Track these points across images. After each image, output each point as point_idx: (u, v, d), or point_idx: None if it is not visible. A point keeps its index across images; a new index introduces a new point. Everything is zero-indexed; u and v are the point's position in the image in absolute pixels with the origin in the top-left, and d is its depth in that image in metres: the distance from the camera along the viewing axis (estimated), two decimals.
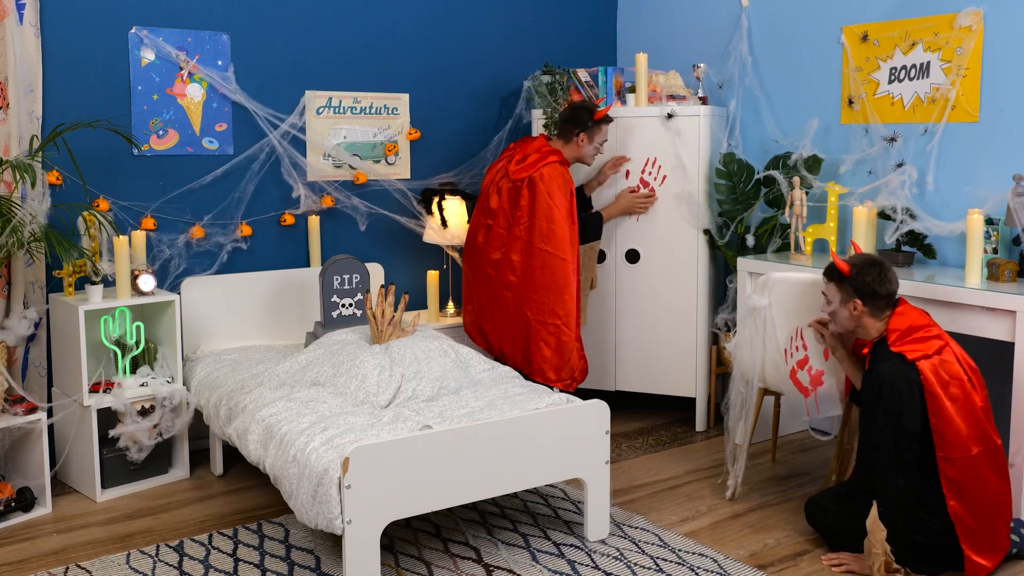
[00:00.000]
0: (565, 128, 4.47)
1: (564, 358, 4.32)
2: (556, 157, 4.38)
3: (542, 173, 4.31)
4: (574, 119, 4.45)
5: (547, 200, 4.28)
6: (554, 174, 4.32)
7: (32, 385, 4.04)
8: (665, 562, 3.33)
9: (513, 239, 4.34)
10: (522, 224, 4.32)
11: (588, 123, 4.42)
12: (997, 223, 3.86)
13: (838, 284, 3.36)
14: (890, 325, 3.29)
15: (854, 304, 3.31)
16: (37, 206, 3.79)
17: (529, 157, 4.39)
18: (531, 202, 4.31)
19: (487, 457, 3.22)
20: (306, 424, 3.34)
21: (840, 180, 4.47)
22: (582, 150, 4.46)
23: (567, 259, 4.29)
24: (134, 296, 3.96)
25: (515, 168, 4.39)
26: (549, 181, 4.29)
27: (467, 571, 3.27)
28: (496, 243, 4.41)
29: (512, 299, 4.35)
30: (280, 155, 4.59)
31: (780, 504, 3.85)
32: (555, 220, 4.27)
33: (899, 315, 3.30)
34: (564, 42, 5.51)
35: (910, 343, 3.20)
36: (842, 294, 3.35)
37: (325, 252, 4.73)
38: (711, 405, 4.85)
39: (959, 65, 4.07)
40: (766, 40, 4.88)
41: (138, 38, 4.23)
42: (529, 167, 4.35)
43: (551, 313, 4.28)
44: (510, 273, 4.35)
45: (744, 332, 3.81)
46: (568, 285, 4.30)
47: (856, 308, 3.31)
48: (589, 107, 4.48)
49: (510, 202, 4.38)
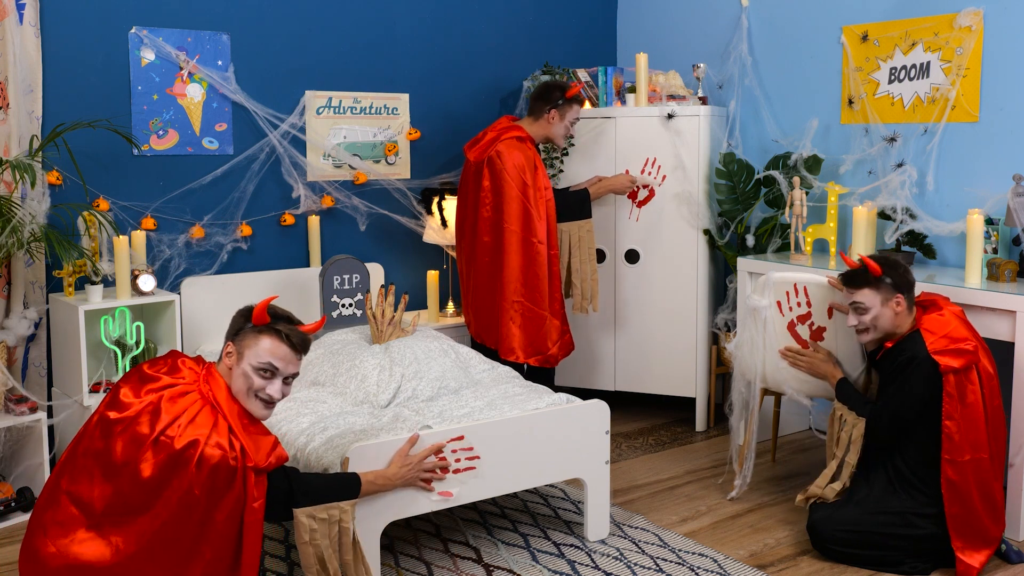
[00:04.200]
0: (536, 105, 4.45)
1: (531, 336, 4.29)
2: (515, 133, 4.35)
3: (499, 150, 4.29)
4: (545, 96, 4.42)
5: (504, 176, 4.26)
6: (511, 150, 4.28)
7: (32, 385, 4.04)
8: (665, 562, 3.33)
9: (482, 221, 4.34)
10: (487, 204, 4.32)
11: (559, 100, 4.39)
12: (997, 223, 3.86)
13: (874, 287, 3.28)
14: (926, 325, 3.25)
15: (896, 300, 3.27)
16: (37, 206, 3.79)
17: (485, 137, 4.39)
18: (492, 182, 4.30)
19: (487, 457, 3.22)
20: (306, 424, 3.34)
21: (840, 180, 4.47)
22: (552, 128, 4.42)
23: (521, 233, 4.26)
24: (134, 296, 3.96)
25: (473, 151, 4.40)
26: (505, 157, 4.27)
27: (467, 571, 3.27)
28: (468, 227, 4.42)
29: (486, 280, 4.36)
30: (280, 155, 4.59)
31: (780, 504, 3.85)
32: (513, 198, 4.25)
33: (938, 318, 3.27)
34: (564, 42, 5.51)
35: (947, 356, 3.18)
36: (881, 295, 3.28)
37: (325, 252, 4.74)
38: (711, 405, 4.85)
39: (959, 65, 4.07)
40: (766, 40, 4.88)
41: (138, 38, 4.23)
42: (485, 146, 4.35)
43: (515, 291, 4.27)
44: (484, 255, 4.35)
45: (744, 332, 3.81)
46: (532, 264, 4.27)
47: (899, 304, 3.28)
48: (561, 85, 4.46)
49: (474, 184, 4.39)
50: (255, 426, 2.70)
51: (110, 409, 2.60)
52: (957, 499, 3.17)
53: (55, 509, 2.54)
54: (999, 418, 3.27)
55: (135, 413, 2.56)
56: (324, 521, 2.81)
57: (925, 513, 3.22)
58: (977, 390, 3.18)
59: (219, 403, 2.64)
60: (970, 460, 3.16)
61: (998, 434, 3.27)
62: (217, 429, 2.58)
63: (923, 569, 3.25)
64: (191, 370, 2.71)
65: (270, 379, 2.71)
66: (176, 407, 2.58)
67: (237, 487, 2.59)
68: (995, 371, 3.28)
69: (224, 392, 2.68)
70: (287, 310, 2.83)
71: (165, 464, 2.52)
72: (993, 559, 3.31)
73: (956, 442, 3.15)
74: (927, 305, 3.36)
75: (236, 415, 2.65)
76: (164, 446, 2.52)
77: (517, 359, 4.30)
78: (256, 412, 2.72)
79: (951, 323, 3.24)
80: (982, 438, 3.18)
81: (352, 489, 2.90)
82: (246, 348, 2.71)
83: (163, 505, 2.52)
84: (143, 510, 2.52)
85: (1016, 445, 3.43)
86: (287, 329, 2.73)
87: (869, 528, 3.26)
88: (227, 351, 2.74)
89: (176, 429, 2.54)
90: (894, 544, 3.24)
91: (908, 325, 3.31)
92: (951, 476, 3.16)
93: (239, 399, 2.70)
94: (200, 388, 2.65)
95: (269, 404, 2.73)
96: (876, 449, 3.36)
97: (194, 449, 2.53)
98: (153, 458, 2.51)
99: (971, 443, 3.17)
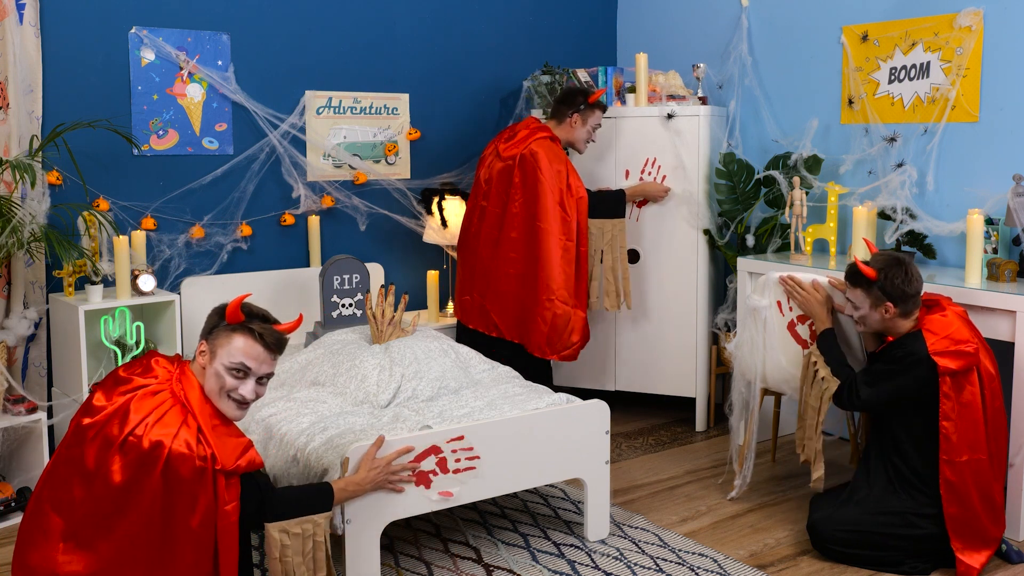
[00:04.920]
0: (559, 109, 4.50)
1: (558, 332, 4.34)
2: (546, 133, 4.41)
3: (532, 149, 4.34)
4: (568, 100, 4.48)
5: (537, 175, 4.30)
6: (544, 149, 4.34)
7: (32, 385, 4.04)
8: (665, 562, 3.33)
9: (510, 217, 4.37)
10: (517, 201, 4.35)
11: (582, 105, 4.45)
12: (997, 223, 3.86)
13: (865, 290, 3.27)
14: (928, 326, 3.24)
15: (885, 308, 3.26)
16: (37, 206, 3.79)
17: (519, 134, 4.43)
18: (523, 179, 4.34)
19: (487, 457, 3.22)
20: (306, 424, 3.34)
21: (840, 180, 4.47)
22: (575, 132, 4.48)
23: (557, 233, 4.30)
24: (134, 296, 3.96)
25: (505, 147, 4.44)
26: (540, 156, 4.31)
27: (467, 571, 3.27)
28: (493, 224, 4.43)
29: (515, 276, 4.38)
30: (280, 155, 4.59)
31: (780, 504, 3.85)
32: (546, 194, 4.29)
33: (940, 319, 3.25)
34: (564, 42, 5.51)
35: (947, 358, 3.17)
36: (871, 299, 3.27)
37: (325, 252, 4.74)
38: (711, 405, 4.85)
39: (959, 65, 4.07)
40: (766, 40, 4.88)
41: (138, 38, 4.23)
42: (519, 143, 4.39)
43: (545, 288, 4.30)
44: (511, 251, 4.37)
45: (744, 332, 3.81)
46: (564, 262, 4.31)
47: (888, 311, 3.26)
48: (584, 90, 4.54)
49: (503, 181, 4.40)
50: (227, 427, 2.62)
51: (84, 415, 2.54)
52: (955, 499, 3.17)
53: (39, 518, 2.50)
54: (1000, 419, 3.27)
55: (106, 417, 2.50)
56: (298, 536, 2.73)
57: (925, 513, 3.22)
58: (976, 391, 3.18)
59: (190, 403, 2.56)
60: (968, 461, 3.16)
61: (999, 435, 3.27)
62: (185, 429, 2.50)
63: (923, 569, 3.25)
64: (165, 369, 2.63)
65: (243, 379, 2.62)
66: (145, 407, 2.51)
67: (207, 490, 2.50)
68: (997, 372, 3.28)
69: (197, 392, 2.60)
70: (263, 308, 2.73)
71: (134, 465, 2.45)
72: (993, 559, 3.31)
73: (954, 443, 3.15)
74: (931, 305, 3.35)
75: (207, 415, 2.57)
76: (132, 447, 2.45)
77: (544, 355, 4.35)
78: (228, 413, 2.63)
79: (953, 324, 3.23)
80: (981, 439, 3.18)
81: (326, 500, 2.81)
82: (219, 347, 2.63)
83: (136, 509, 2.46)
84: (119, 515, 2.46)
85: (1016, 445, 3.43)
86: (261, 328, 2.64)
87: (869, 528, 3.26)
88: (200, 350, 2.66)
89: (143, 429, 2.47)
90: (894, 544, 3.24)
91: (907, 327, 3.30)
92: (949, 477, 3.17)
93: (211, 399, 2.62)
94: (172, 387, 2.58)
95: (242, 405, 2.64)
96: (877, 449, 3.37)
97: (161, 449, 2.46)
98: (122, 460, 2.45)
99: (969, 444, 3.17)
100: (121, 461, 2.46)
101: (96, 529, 2.47)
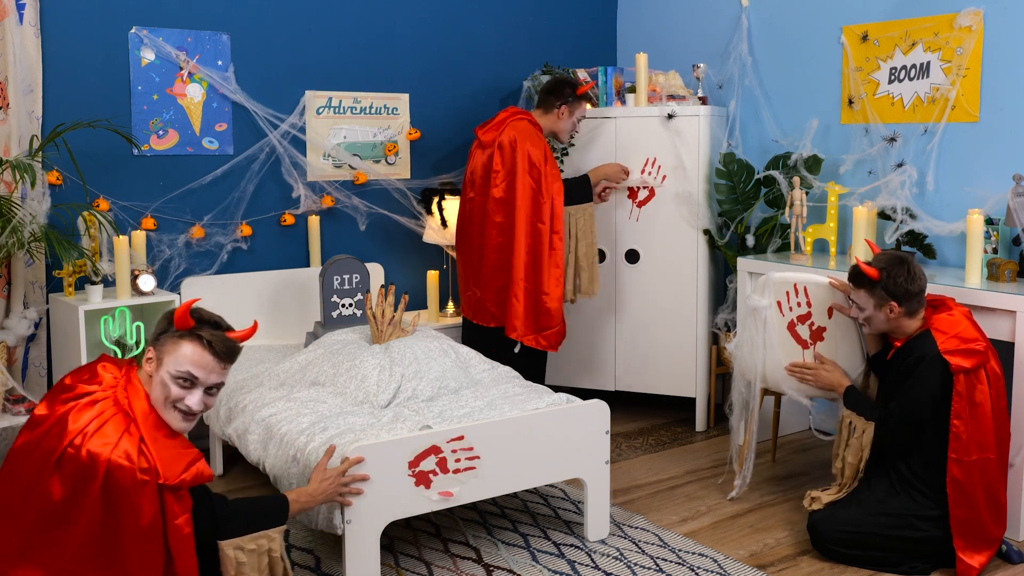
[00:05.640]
0: (546, 99, 4.50)
1: (531, 316, 4.33)
2: (526, 117, 4.42)
3: (511, 134, 4.34)
4: (556, 90, 4.49)
5: (515, 158, 4.30)
6: (522, 134, 4.34)
7: (32, 385, 4.04)
8: (665, 562, 3.33)
9: (493, 202, 4.36)
10: (499, 186, 4.34)
11: (570, 97, 4.46)
12: (997, 223, 3.86)
13: (869, 290, 3.29)
14: (936, 325, 3.24)
15: (890, 307, 3.26)
16: (37, 206, 3.79)
17: (496, 118, 4.45)
18: (503, 161, 4.34)
19: (487, 457, 3.22)
20: (306, 424, 3.34)
21: (840, 180, 4.47)
22: (560, 123, 4.48)
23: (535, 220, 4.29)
24: (134, 296, 3.96)
25: (483, 131, 4.45)
26: (518, 142, 4.31)
27: (467, 571, 3.27)
28: (479, 212, 4.43)
29: (498, 259, 4.37)
30: (280, 155, 4.59)
31: (780, 504, 3.86)
32: (522, 180, 4.29)
33: (948, 318, 3.26)
34: (564, 42, 5.51)
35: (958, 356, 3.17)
36: (875, 299, 3.28)
37: (325, 252, 4.74)
38: (711, 405, 4.85)
39: (959, 65, 4.07)
40: (766, 40, 4.88)
41: (138, 38, 4.23)
42: (496, 127, 4.40)
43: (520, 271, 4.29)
44: (498, 235, 4.36)
45: (744, 332, 3.81)
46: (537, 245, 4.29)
47: (893, 311, 3.26)
48: (573, 81, 4.55)
49: (484, 167, 4.41)
50: (174, 439, 2.46)
51: (26, 429, 2.42)
52: (962, 499, 3.16)
53: None
54: (1004, 419, 3.27)
55: (45, 429, 2.38)
56: (253, 552, 2.61)
57: (927, 515, 3.22)
58: (986, 390, 3.18)
59: (134, 411, 2.42)
60: (977, 460, 3.16)
61: (1003, 435, 3.27)
62: (127, 439, 2.36)
63: (923, 570, 3.25)
64: (111, 375, 2.50)
65: (189, 389, 2.47)
66: (85, 417, 2.38)
67: (151, 502, 2.36)
68: (1002, 372, 3.28)
69: (142, 400, 2.46)
70: (216, 314, 2.58)
71: (72, 478, 2.33)
72: (994, 559, 3.31)
73: (964, 441, 3.15)
74: (937, 305, 3.35)
75: (152, 426, 2.42)
76: (69, 459, 2.33)
77: (517, 336, 4.33)
78: (174, 424, 2.48)
79: (961, 323, 3.24)
80: (989, 438, 3.18)
81: (281, 514, 2.71)
82: (166, 354, 2.48)
83: (78, 523, 2.33)
84: (62, 529, 2.34)
85: (1016, 445, 3.43)
86: (211, 335, 2.49)
87: (870, 529, 3.26)
88: (147, 356, 2.52)
89: (81, 439, 2.34)
90: (894, 545, 3.24)
91: (914, 327, 3.30)
92: (957, 476, 3.16)
93: (156, 409, 2.47)
94: (116, 395, 2.44)
95: (188, 416, 2.49)
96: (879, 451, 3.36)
97: (99, 461, 2.32)
98: (59, 474, 2.33)
99: (978, 443, 3.16)
100: (58, 475, 2.34)
101: (44, 545, 2.36)
